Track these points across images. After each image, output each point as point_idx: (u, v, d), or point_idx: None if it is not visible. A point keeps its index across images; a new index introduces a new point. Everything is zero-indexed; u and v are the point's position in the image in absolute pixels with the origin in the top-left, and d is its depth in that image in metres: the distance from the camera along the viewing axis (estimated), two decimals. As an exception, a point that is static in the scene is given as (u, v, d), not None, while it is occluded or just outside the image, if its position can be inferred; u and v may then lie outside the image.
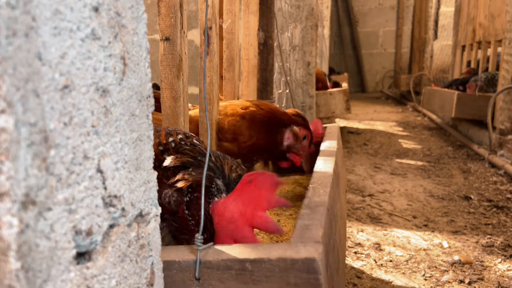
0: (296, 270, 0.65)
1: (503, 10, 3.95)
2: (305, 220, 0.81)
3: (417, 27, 8.38)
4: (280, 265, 0.66)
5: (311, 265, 0.65)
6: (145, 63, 0.60)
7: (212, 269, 0.69)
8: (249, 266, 0.67)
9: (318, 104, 4.36)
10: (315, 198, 0.95)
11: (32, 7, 0.40)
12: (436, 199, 2.72)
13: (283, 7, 3.10)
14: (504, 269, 1.79)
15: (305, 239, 0.71)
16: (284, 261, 0.66)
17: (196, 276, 0.70)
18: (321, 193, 0.98)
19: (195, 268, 0.70)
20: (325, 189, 1.02)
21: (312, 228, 0.76)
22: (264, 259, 0.67)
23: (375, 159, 3.81)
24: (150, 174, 0.62)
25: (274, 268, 0.66)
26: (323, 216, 0.82)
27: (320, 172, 1.21)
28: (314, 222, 0.79)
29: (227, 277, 0.69)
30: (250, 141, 1.52)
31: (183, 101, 1.30)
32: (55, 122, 0.43)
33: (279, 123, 1.57)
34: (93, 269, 0.50)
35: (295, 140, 1.58)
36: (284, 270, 0.66)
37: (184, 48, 1.27)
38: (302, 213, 0.86)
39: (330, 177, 1.14)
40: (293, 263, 0.65)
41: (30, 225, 0.40)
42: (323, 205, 0.89)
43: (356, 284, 1.66)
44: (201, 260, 0.70)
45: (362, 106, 7.86)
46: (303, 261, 0.65)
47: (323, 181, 1.09)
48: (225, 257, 0.69)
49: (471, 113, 4.24)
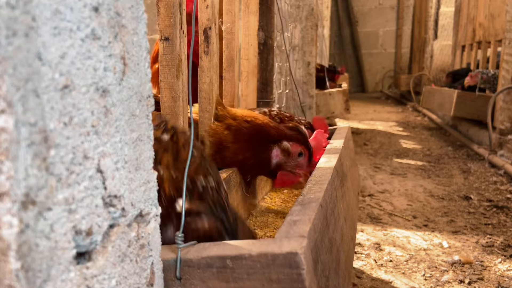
0: (278, 266, 0.62)
1: (503, 10, 3.95)
2: (294, 216, 0.77)
3: (417, 27, 8.39)
4: (261, 261, 0.62)
5: (293, 259, 0.61)
6: (145, 63, 0.60)
7: (193, 267, 0.66)
8: (230, 263, 0.64)
9: (317, 104, 4.37)
10: (309, 195, 0.92)
11: (32, 7, 0.40)
12: (436, 199, 2.72)
13: (283, 7, 3.10)
14: (504, 269, 1.79)
15: (290, 235, 0.68)
16: (265, 256, 0.62)
17: (177, 275, 0.67)
18: (316, 190, 0.95)
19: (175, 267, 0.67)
20: (321, 186, 0.98)
21: (300, 223, 0.73)
22: (245, 255, 0.63)
23: (375, 159, 3.81)
24: (150, 174, 0.62)
25: (256, 265, 0.63)
26: (314, 211, 0.79)
27: (321, 169, 1.18)
28: (303, 218, 0.75)
29: (208, 275, 0.66)
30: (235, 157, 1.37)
31: (183, 101, 1.30)
32: (55, 122, 0.43)
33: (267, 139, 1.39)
34: (93, 269, 0.50)
35: (286, 157, 1.39)
36: (266, 266, 0.62)
37: (183, 48, 1.27)
38: (293, 209, 0.82)
39: (329, 174, 1.11)
40: (274, 258, 0.62)
41: (30, 225, 0.40)
42: (315, 201, 0.86)
43: (356, 284, 1.66)
44: (182, 258, 0.66)
45: (362, 106, 7.86)
46: (285, 256, 0.61)
47: (321, 179, 1.06)
48: (206, 254, 0.66)
49: (471, 112, 4.24)
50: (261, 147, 1.38)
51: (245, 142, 1.38)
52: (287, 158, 1.39)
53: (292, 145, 1.39)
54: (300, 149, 1.39)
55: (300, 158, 1.40)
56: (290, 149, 1.39)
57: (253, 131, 1.39)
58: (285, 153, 1.39)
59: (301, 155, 1.40)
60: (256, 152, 1.38)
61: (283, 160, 1.39)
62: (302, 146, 1.39)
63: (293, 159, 1.40)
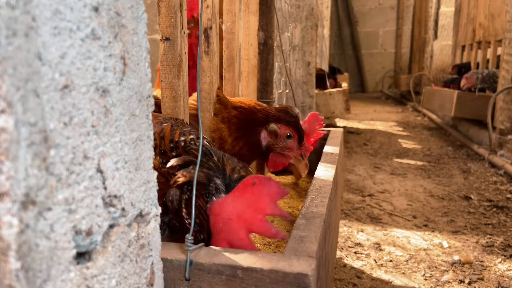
0: (287, 284, 0.66)
1: (503, 10, 3.95)
2: (301, 231, 0.81)
3: (417, 27, 8.39)
4: (271, 276, 0.66)
5: (302, 280, 0.65)
6: (145, 63, 0.60)
7: (203, 271, 0.69)
8: (240, 273, 0.67)
9: (317, 104, 4.37)
10: (312, 208, 0.95)
11: (32, 7, 0.39)
12: (436, 199, 2.72)
13: (283, 7, 3.10)
14: (504, 269, 1.79)
15: (299, 252, 0.72)
16: (276, 273, 0.66)
17: (186, 276, 0.70)
18: (318, 204, 0.98)
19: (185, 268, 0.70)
20: (323, 199, 1.02)
21: (307, 241, 0.77)
22: (256, 269, 0.67)
23: (375, 159, 3.81)
24: (150, 174, 0.62)
25: (265, 279, 0.66)
26: (319, 228, 0.83)
27: (320, 180, 1.20)
28: (310, 235, 0.79)
29: (217, 281, 0.69)
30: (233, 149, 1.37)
31: (183, 101, 1.30)
32: (55, 122, 0.43)
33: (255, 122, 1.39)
34: (93, 269, 0.50)
35: (275, 139, 1.39)
36: (275, 282, 0.66)
37: (184, 48, 1.27)
38: (299, 223, 0.86)
39: (329, 186, 1.14)
40: (284, 276, 0.65)
41: (30, 225, 0.40)
42: (319, 217, 0.89)
43: (356, 284, 1.66)
44: (193, 261, 0.70)
45: (362, 106, 7.86)
46: (295, 276, 0.65)
47: (322, 191, 1.09)
48: (217, 261, 0.69)
49: (471, 112, 4.24)
50: (250, 131, 1.38)
51: (237, 131, 1.38)
52: (275, 140, 1.39)
53: (280, 127, 1.38)
54: (288, 131, 1.38)
55: (289, 140, 1.39)
56: (277, 131, 1.38)
57: (242, 116, 1.39)
58: (272, 135, 1.38)
59: (290, 137, 1.39)
60: (247, 138, 1.38)
61: (272, 142, 1.39)
62: (290, 128, 1.38)
63: (281, 141, 1.39)
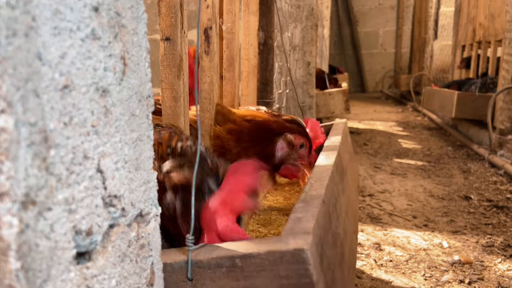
0: (286, 262, 0.64)
1: (503, 10, 3.95)
2: (298, 213, 0.80)
3: (417, 27, 8.39)
4: (269, 259, 0.65)
5: (300, 256, 0.64)
6: (145, 63, 0.60)
7: (204, 268, 0.69)
8: (239, 262, 0.66)
9: (317, 104, 4.37)
10: (311, 192, 0.94)
11: (32, 7, 0.39)
12: (436, 199, 2.72)
13: (283, 7, 3.10)
14: (504, 269, 1.79)
15: (295, 232, 0.70)
16: (273, 254, 0.65)
17: (189, 276, 0.70)
18: (317, 187, 0.97)
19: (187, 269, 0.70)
20: (322, 182, 1.00)
21: (304, 220, 0.75)
22: (253, 254, 0.66)
23: (375, 159, 3.81)
24: (150, 174, 0.62)
25: (264, 262, 0.65)
26: (317, 208, 0.81)
27: (320, 166, 1.19)
28: (307, 215, 0.78)
29: (218, 275, 0.68)
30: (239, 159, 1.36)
31: (184, 101, 1.30)
32: (55, 122, 0.43)
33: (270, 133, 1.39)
34: (93, 269, 0.50)
35: (291, 149, 1.40)
36: (274, 263, 0.65)
37: (184, 48, 1.27)
38: (297, 206, 0.85)
39: (329, 170, 1.12)
40: (282, 255, 0.64)
41: (30, 225, 0.40)
42: (318, 198, 0.87)
43: (356, 284, 1.66)
44: (192, 260, 0.69)
45: (362, 106, 7.86)
46: (292, 253, 0.64)
47: (321, 175, 1.08)
48: (215, 254, 0.68)
49: (471, 113, 4.24)
50: (265, 142, 1.40)
51: (248, 142, 1.38)
52: (291, 150, 1.41)
53: (295, 137, 1.40)
54: (302, 141, 1.41)
55: (301, 149, 1.42)
56: (293, 141, 1.40)
57: (255, 128, 1.40)
58: (289, 145, 1.40)
59: (303, 146, 1.42)
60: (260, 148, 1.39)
61: (288, 152, 1.41)
62: (303, 138, 1.42)
63: (296, 151, 1.41)
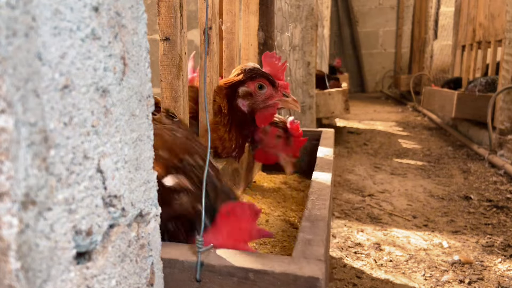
0: (298, 286, 0.67)
1: (503, 10, 3.95)
2: (306, 234, 0.84)
3: (417, 27, 8.38)
4: (282, 279, 0.68)
5: (313, 284, 0.67)
6: (145, 63, 0.60)
7: (215, 273, 0.71)
8: (252, 276, 0.69)
9: (317, 104, 4.36)
10: (314, 211, 0.98)
11: (32, 7, 0.39)
12: (436, 199, 2.72)
13: (283, 7, 3.10)
14: (504, 269, 1.79)
15: (307, 255, 0.74)
16: (287, 276, 0.68)
17: (197, 278, 0.71)
18: (320, 206, 1.02)
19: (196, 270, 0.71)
20: (324, 202, 1.05)
21: (314, 244, 0.79)
22: (268, 271, 0.68)
23: (375, 159, 3.81)
24: (150, 174, 0.62)
25: (276, 282, 0.68)
26: (324, 232, 0.85)
27: (319, 183, 1.23)
28: (316, 238, 0.82)
29: (228, 283, 0.70)
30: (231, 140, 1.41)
31: (183, 101, 1.30)
32: (55, 122, 0.43)
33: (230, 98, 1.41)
34: (93, 269, 0.50)
35: (252, 98, 1.40)
36: (286, 284, 0.68)
37: (184, 48, 1.27)
38: (303, 225, 0.88)
39: (328, 189, 1.17)
40: (295, 279, 0.67)
41: (30, 225, 0.40)
42: (323, 220, 0.92)
43: (356, 284, 1.66)
44: (204, 263, 0.71)
45: (362, 106, 7.86)
46: (306, 279, 0.67)
47: (322, 193, 1.13)
48: (229, 263, 0.71)
49: (471, 113, 4.24)
50: (232, 109, 1.41)
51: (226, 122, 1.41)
52: (253, 98, 1.40)
53: (248, 85, 1.39)
54: (257, 83, 1.39)
55: (263, 90, 1.40)
56: (248, 90, 1.39)
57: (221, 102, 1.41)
58: (247, 96, 1.40)
59: (262, 87, 1.40)
60: (233, 117, 1.41)
61: (251, 102, 1.40)
62: (257, 80, 1.39)
63: (258, 95, 1.40)
